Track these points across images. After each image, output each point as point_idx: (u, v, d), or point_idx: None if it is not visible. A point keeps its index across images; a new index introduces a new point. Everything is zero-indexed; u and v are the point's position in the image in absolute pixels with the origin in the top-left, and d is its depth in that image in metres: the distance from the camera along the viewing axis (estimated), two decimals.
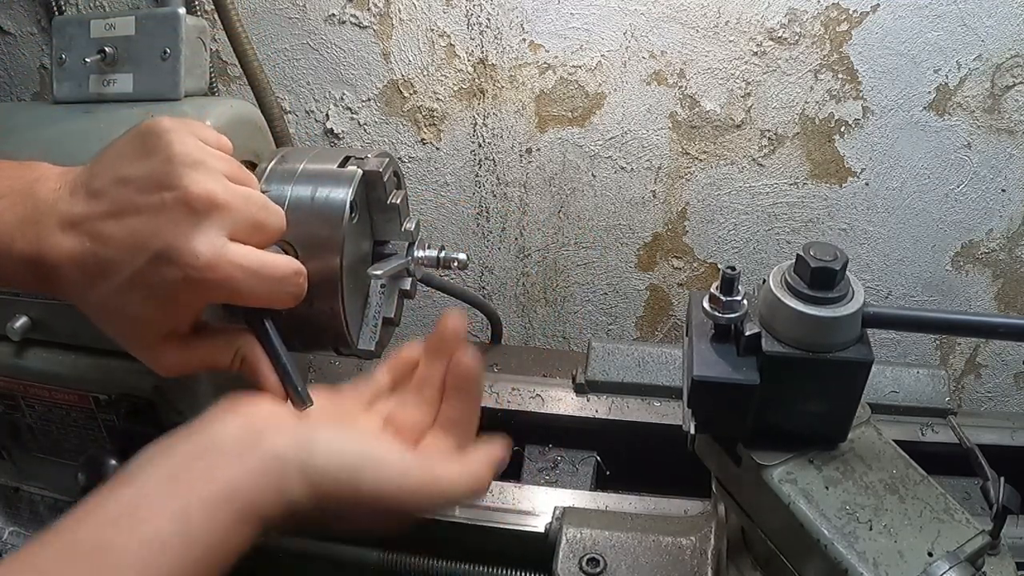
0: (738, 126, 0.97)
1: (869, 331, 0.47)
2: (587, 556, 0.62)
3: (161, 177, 0.44)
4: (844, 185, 0.99)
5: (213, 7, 0.78)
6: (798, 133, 0.97)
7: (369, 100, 1.02)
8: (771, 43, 0.92)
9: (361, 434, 0.47)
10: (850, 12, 0.89)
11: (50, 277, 0.45)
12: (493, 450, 0.51)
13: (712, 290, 0.47)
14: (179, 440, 0.42)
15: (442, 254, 0.62)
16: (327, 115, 1.04)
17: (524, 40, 0.95)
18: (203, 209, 0.44)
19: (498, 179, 1.06)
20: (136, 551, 0.37)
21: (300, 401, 0.50)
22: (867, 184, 0.99)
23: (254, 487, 0.40)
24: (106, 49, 0.64)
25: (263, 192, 0.54)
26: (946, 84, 0.91)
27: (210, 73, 0.71)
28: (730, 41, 0.92)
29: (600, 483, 0.79)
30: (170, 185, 0.43)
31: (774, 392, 0.47)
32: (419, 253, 0.62)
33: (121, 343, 0.48)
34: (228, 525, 0.39)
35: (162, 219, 0.43)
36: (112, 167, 0.45)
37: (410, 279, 0.64)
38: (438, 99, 1.01)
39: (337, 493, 0.43)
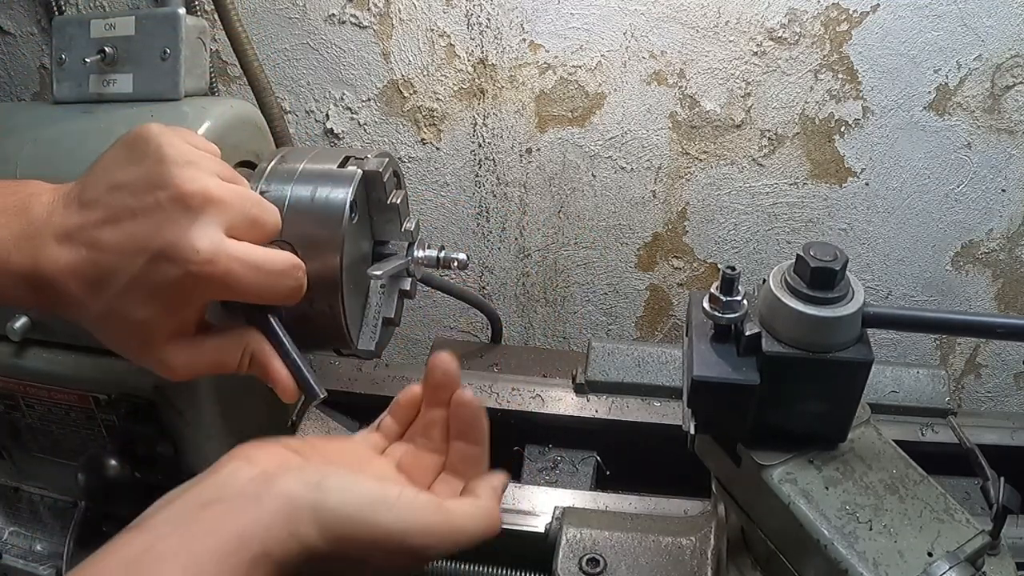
0: (738, 126, 0.97)
1: (869, 331, 0.47)
2: (587, 556, 0.61)
3: (154, 178, 0.44)
4: (844, 185, 0.99)
5: (213, 7, 0.78)
6: (798, 133, 0.97)
7: (369, 100, 1.02)
8: (771, 43, 0.92)
9: (374, 476, 0.46)
10: (850, 12, 0.89)
11: (49, 292, 0.45)
12: (496, 481, 0.50)
13: (712, 290, 0.47)
14: (190, 489, 0.41)
15: (442, 254, 0.62)
16: (327, 115, 1.04)
17: (524, 40, 0.95)
18: (198, 205, 0.44)
19: (498, 179, 1.06)
20: None
21: (313, 395, 0.50)
22: (867, 184, 0.99)
23: (266, 533, 0.39)
24: (106, 49, 0.64)
25: (262, 192, 0.54)
26: (946, 84, 0.91)
27: (210, 73, 0.71)
28: (730, 41, 0.92)
29: (600, 483, 0.79)
30: (164, 185, 0.44)
31: (774, 392, 0.47)
32: (419, 253, 0.62)
33: (127, 353, 0.48)
34: (241, 574, 0.38)
35: (158, 219, 0.43)
36: (104, 176, 0.46)
37: (410, 279, 0.64)
38: (438, 99, 1.01)
39: (353, 535, 0.41)
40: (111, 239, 0.44)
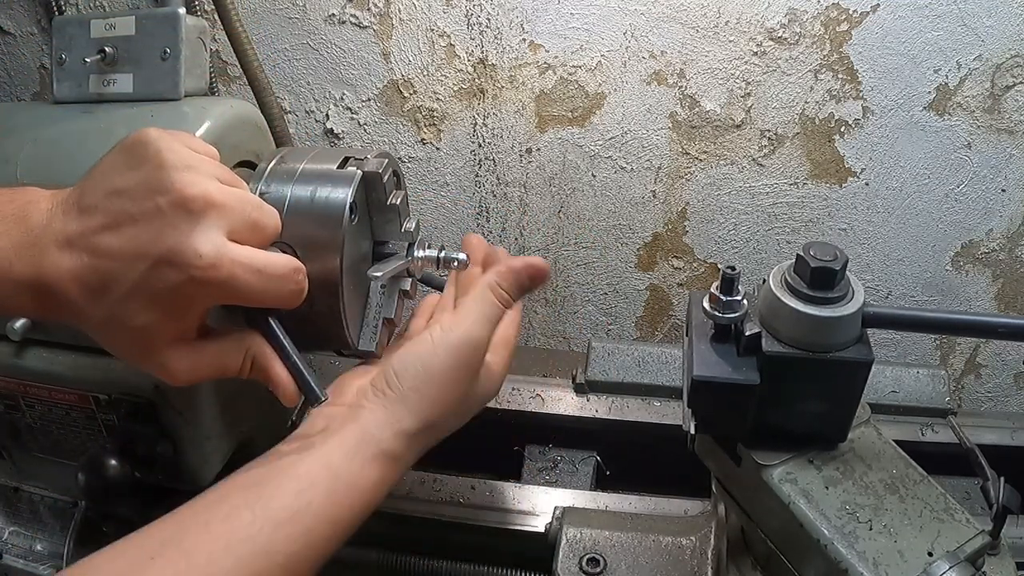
0: (738, 126, 0.97)
1: (869, 331, 0.47)
2: (587, 556, 0.61)
3: (154, 183, 0.44)
4: (844, 185, 0.99)
5: (213, 7, 0.78)
6: (798, 133, 0.97)
7: (369, 100, 1.02)
8: (771, 43, 0.92)
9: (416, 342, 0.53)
10: (850, 12, 0.89)
11: (51, 299, 0.45)
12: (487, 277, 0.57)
13: (712, 290, 0.47)
14: (299, 435, 0.49)
15: (442, 254, 0.62)
16: (327, 115, 1.04)
17: (524, 40, 0.95)
18: (200, 209, 0.44)
19: (498, 179, 1.06)
20: (289, 485, 0.44)
21: (315, 398, 0.50)
22: (867, 184, 0.99)
23: (378, 436, 0.48)
24: (106, 49, 0.64)
25: (262, 193, 0.54)
26: (946, 84, 0.91)
27: (210, 73, 0.71)
28: (730, 41, 0.92)
29: (600, 483, 0.79)
30: (164, 189, 0.44)
31: (774, 392, 0.47)
32: (419, 253, 0.62)
33: (128, 358, 0.48)
34: (362, 464, 0.47)
35: (160, 224, 0.43)
36: (103, 181, 0.45)
37: (410, 279, 0.64)
38: (438, 99, 1.01)
39: (425, 396, 0.50)
40: (112, 245, 0.44)
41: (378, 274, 0.57)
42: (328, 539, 0.44)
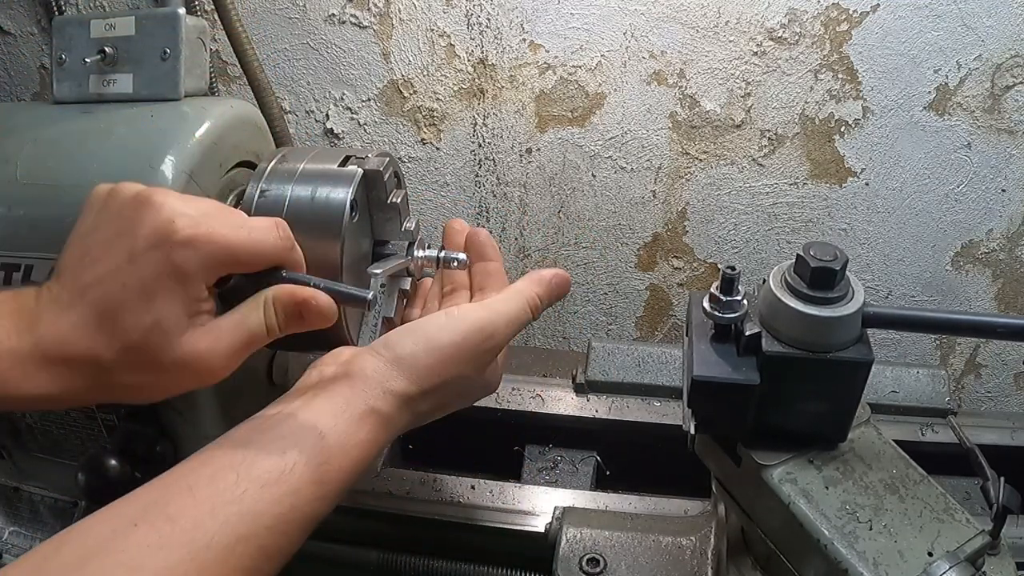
0: (738, 126, 0.97)
1: (869, 331, 0.47)
2: (587, 556, 0.61)
3: (118, 225, 0.45)
4: (844, 185, 0.99)
5: (213, 7, 0.78)
6: (798, 133, 0.97)
7: (369, 100, 1.02)
8: (771, 43, 0.92)
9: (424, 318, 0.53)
10: (850, 12, 0.89)
11: (63, 365, 0.45)
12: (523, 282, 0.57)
13: (712, 290, 0.47)
14: (293, 392, 0.48)
15: (442, 254, 0.62)
16: (327, 115, 1.04)
17: (524, 40, 0.95)
18: (160, 198, 0.45)
19: (498, 179, 1.06)
20: (274, 445, 0.43)
21: (359, 299, 0.49)
22: (867, 184, 0.99)
23: (365, 394, 0.47)
24: (106, 49, 0.64)
25: (262, 192, 0.54)
26: (946, 84, 0.91)
27: (210, 73, 0.71)
28: (730, 41, 0.92)
29: (600, 483, 0.79)
30: (128, 222, 0.45)
31: (774, 392, 0.47)
32: (419, 253, 0.62)
33: (156, 376, 0.47)
34: (349, 422, 0.46)
35: (129, 227, 0.45)
36: (72, 250, 0.47)
37: (410, 279, 0.64)
38: (438, 99, 1.01)
39: (428, 364, 0.49)
40: (94, 272, 0.45)
41: (377, 271, 0.57)
42: (316, 499, 0.43)
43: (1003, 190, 0.97)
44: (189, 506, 0.39)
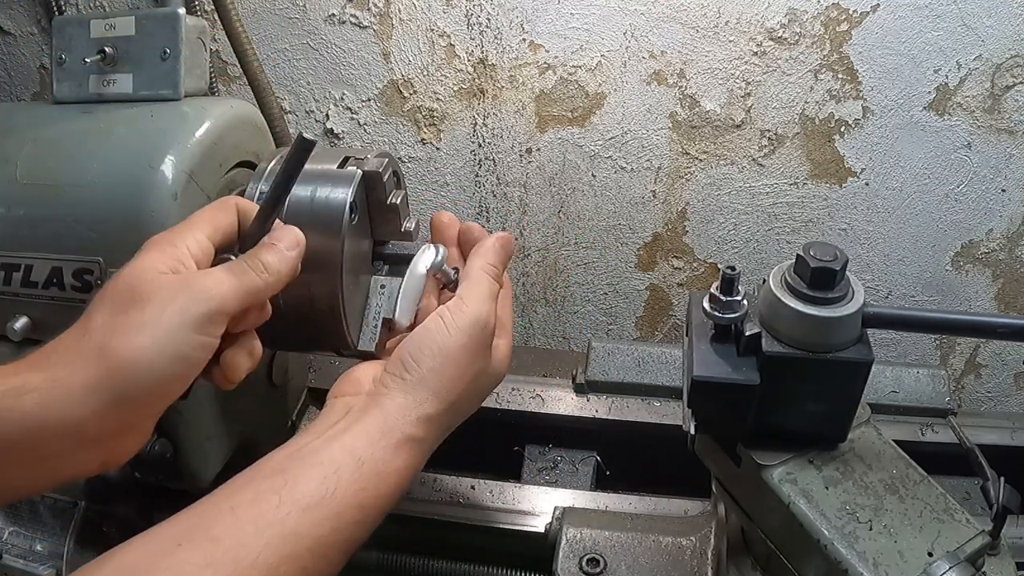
0: (738, 126, 0.97)
1: (869, 331, 0.47)
2: (587, 556, 0.61)
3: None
4: (844, 185, 0.99)
5: (213, 7, 0.78)
6: (798, 133, 0.97)
7: (369, 100, 1.02)
8: (771, 43, 0.92)
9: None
10: (850, 12, 0.89)
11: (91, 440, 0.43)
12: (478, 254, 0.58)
13: (712, 290, 0.47)
14: (317, 425, 0.49)
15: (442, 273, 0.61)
16: (327, 115, 1.04)
17: (524, 40, 0.95)
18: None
19: (498, 179, 1.06)
20: (313, 472, 0.43)
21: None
22: (867, 184, 0.99)
23: (402, 421, 0.48)
24: (106, 49, 0.64)
25: (262, 192, 0.54)
26: (946, 84, 0.91)
27: (210, 73, 0.71)
28: (730, 41, 0.92)
29: (600, 483, 0.79)
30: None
31: (774, 392, 0.47)
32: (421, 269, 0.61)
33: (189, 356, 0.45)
34: (386, 450, 0.47)
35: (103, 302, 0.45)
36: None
37: None
38: (438, 99, 1.01)
39: (442, 374, 0.50)
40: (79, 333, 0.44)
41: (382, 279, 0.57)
42: (357, 524, 0.44)
43: (1003, 190, 0.97)
44: (232, 527, 0.40)
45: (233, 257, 0.49)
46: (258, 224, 0.49)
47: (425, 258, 0.59)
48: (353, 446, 0.46)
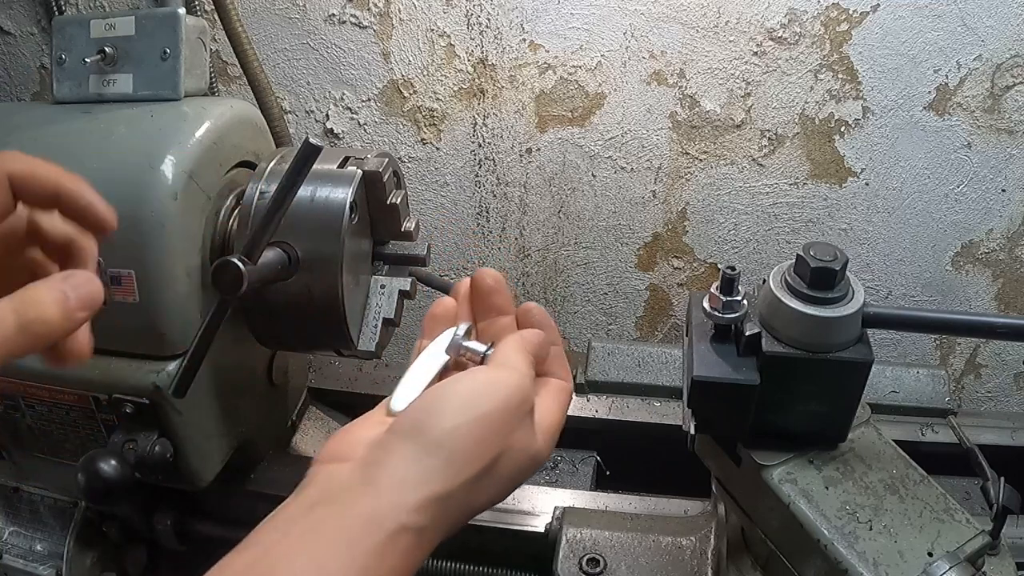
0: (738, 126, 0.97)
1: (869, 331, 0.47)
2: (587, 556, 0.61)
3: None
4: (844, 185, 0.99)
5: (213, 7, 0.78)
6: (798, 133, 0.97)
7: (369, 100, 1.02)
8: (771, 43, 0.91)
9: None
10: (850, 12, 0.89)
11: None
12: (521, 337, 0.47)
13: (712, 290, 0.47)
14: (289, 504, 0.38)
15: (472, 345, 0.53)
16: (327, 115, 1.04)
17: (524, 40, 0.95)
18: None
19: (498, 179, 1.06)
20: None
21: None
22: (867, 184, 0.99)
23: (398, 507, 0.37)
24: (106, 49, 0.64)
25: (262, 192, 0.54)
26: (946, 84, 0.91)
27: (210, 73, 0.71)
28: (730, 41, 0.92)
29: (600, 483, 0.79)
30: None
31: (774, 392, 0.47)
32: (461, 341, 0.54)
33: None
34: (374, 547, 0.36)
35: None
36: None
37: (410, 279, 0.64)
38: (438, 99, 1.01)
39: (454, 445, 0.38)
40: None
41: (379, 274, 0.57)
42: None
43: (1003, 190, 0.97)
44: None
45: (102, 261, 0.44)
46: (261, 227, 0.49)
47: (442, 339, 0.49)
48: (323, 557, 0.34)
